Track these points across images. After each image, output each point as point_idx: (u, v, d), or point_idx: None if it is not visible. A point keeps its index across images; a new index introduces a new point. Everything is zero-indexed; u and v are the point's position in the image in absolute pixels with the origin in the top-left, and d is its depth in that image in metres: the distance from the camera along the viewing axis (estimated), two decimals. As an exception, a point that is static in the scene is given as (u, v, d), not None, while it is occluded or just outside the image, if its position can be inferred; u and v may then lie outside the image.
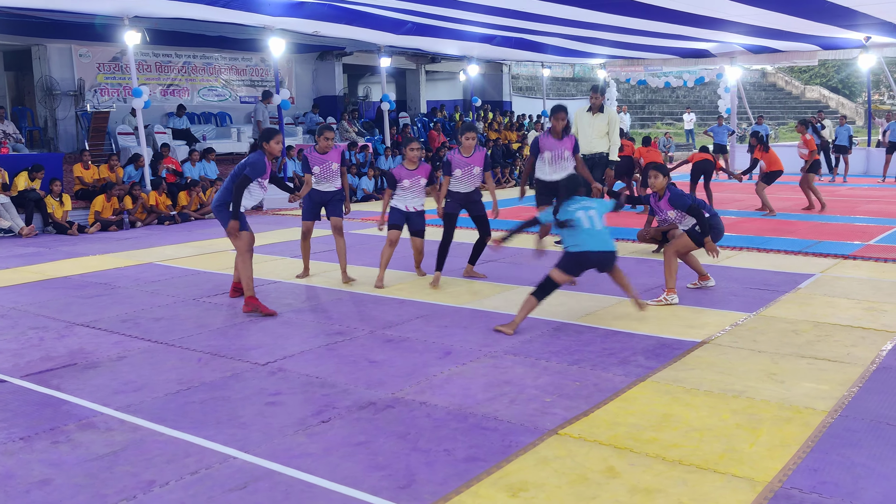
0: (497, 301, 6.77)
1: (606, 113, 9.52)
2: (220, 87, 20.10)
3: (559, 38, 17.69)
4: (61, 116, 17.03)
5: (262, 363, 5.11)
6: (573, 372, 4.80)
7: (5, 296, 7.38)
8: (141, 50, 16.92)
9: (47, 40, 16.61)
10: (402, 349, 5.38)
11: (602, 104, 9.62)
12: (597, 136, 9.55)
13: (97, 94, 17.46)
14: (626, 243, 9.76)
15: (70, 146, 16.83)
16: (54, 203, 12.00)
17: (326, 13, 14.17)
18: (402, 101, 25.47)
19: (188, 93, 19.35)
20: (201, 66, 19.59)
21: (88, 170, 13.15)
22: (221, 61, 20.00)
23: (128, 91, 16.80)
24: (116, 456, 3.70)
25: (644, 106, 37.23)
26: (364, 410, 4.21)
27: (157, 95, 18.09)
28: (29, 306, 6.93)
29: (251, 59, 20.43)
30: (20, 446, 3.85)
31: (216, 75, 19.98)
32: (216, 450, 3.73)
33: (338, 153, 7.74)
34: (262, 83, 20.92)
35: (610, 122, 9.47)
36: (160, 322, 6.30)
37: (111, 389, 4.66)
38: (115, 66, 17.75)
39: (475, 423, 4.00)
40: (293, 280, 7.88)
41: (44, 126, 17.16)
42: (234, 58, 20.17)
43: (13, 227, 11.50)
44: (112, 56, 17.60)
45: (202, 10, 12.99)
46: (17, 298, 7.25)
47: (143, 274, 8.41)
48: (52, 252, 10.04)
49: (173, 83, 19.05)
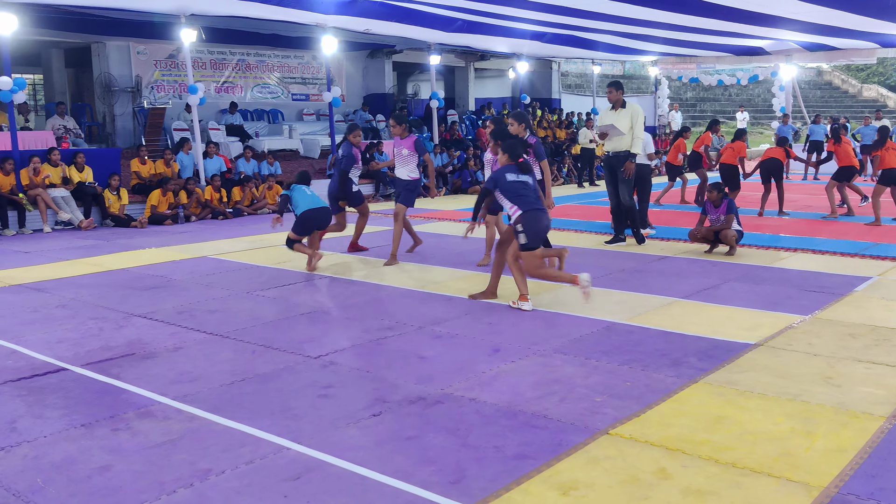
0: (545, 299, 6.76)
1: (629, 108, 9.32)
2: (272, 85, 20.37)
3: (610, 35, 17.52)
4: (119, 112, 17.44)
5: (313, 356, 5.19)
6: (624, 372, 4.77)
7: (66, 287, 7.61)
8: (196, 48, 17.24)
9: (106, 38, 17.01)
10: (450, 345, 5.41)
11: (623, 100, 9.35)
12: (623, 131, 9.36)
13: (154, 91, 17.84)
14: (677, 243, 9.66)
15: (127, 142, 17.23)
16: (112, 197, 12.32)
17: (378, 11, 14.27)
18: (451, 98, 25.49)
19: (241, 90, 19.66)
20: (254, 64, 19.88)
21: (145, 165, 13.47)
22: (274, 59, 20.26)
23: (183, 88, 17.15)
24: (174, 444, 3.80)
25: (696, 104, 36.69)
26: (414, 405, 4.25)
27: (211, 92, 18.41)
28: (88, 297, 7.13)
29: (303, 56, 20.66)
30: (82, 433, 3.97)
31: (269, 73, 20.26)
32: (270, 440, 3.80)
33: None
34: (313, 81, 21.15)
35: (633, 117, 9.27)
36: (215, 314, 6.43)
37: (168, 379, 4.78)
38: (172, 64, 18.11)
39: (525, 420, 4.00)
40: (344, 276, 7.97)
41: (102, 122, 17.59)
42: (287, 55, 20.42)
43: (73, 219, 11.84)
44: (168, 53, 17.96)
45: (257, 9, 13.18)
46: (77, 290, 7.46)
47: (197, 267, 8.58)
48: (109, 245, 10.31)
49: (227, 80, 19.38)
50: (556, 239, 10.10)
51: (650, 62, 23.45)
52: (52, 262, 8.90)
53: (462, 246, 9.47)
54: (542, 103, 25.69)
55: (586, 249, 9.35)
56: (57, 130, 14.72)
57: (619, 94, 9.30)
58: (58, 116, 15.26)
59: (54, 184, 11.85)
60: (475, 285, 7.33)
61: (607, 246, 9.54)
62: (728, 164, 12.29)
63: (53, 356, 5.27)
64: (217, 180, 13.44)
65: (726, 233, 8.70)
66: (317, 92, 21.03)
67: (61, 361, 5.16)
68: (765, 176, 12.28)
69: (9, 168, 11.57)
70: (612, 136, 9.27)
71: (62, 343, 5.61)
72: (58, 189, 11.85)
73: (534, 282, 7.47)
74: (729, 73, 28.53)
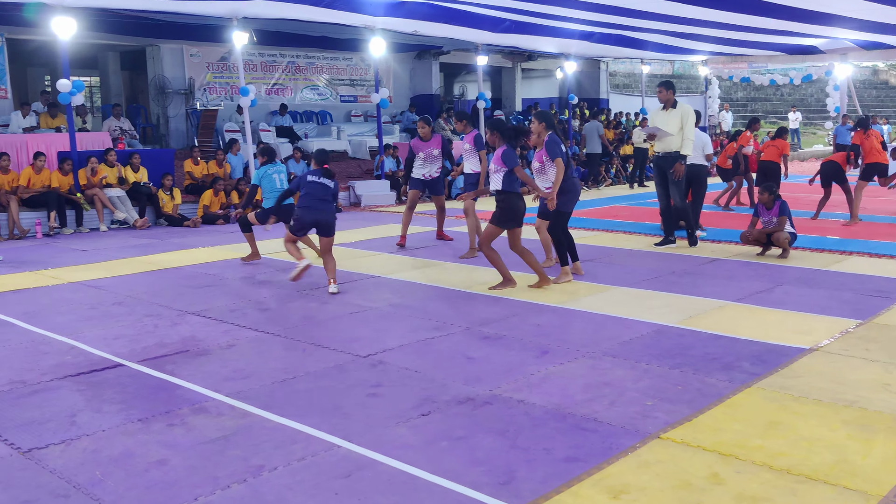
0: (593, 301, 6.72)
1: (679, 109, 9.17)
2: (321, 87, 20.61)
3: (660, 34, 17.32)
4: (172, 114, 17.83)
5: (362, 355, 5.24)
6: (675, 376, 4.72)
7: (122, 284, 7.79)
8: (248, 50, 17.53)
9: (160, 41, 17.41)
10: (498, 346, 5.41)
11: (673, 100, 9.21)
12: (671, 132, 9.22)
13: (206, 93, 18.18)
14: (729, 245, 9.51)
15: (180, 142, 17.60)
16: (165, 197, 12.58)
17: (426, 12, 14.33)
18: (498, 98, 25.48)
19: (291, 91, 19.93)
20: (304, 66, 20.13)
21: (198, 165, 13.73)
22: (323, 61, 20.50)
23: (235, 90, 17.43)
24: (227, 440, 3.87)
25: (746, 104, 36.04)
26: (463, 406, 4.26)
27: (261, 94, 18.70)
28: (143, 295, 7.30)
29: (351, 58, 20.86)
30: (138, 427, 4.06)
31: (318, 75, 20.51)
32: (321, 438, 3.85)
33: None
34: (361, 82, 21.34)
35: (683, 117, 9.12)
36: (266, 313, 6.53)
37: (221, 376, 4.87)
38: (223, 66, 18.44)
39: (574, 423, 3.99)
40: (391, 276, 8.02)
41: (156, 123, 18.00)
42: (336, 57, 20.64)
43: (128, 219, 12.13)
44: (220, 56, 18.29)
45: (307, 11, 13.35)
46: (133, 287, 7.64)
47: (249, 266, 8.72)
48: (163, 243, 10.54)
49: (277, 82, 19.66)
50: (606, 240, 10.04)
51: (700, 61, 23.13)
52: (109, 261, 9.12)
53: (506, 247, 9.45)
54: (590, 103, 25.51)
55: (635, 251, 9.26)
56: (113, 132, 15.11)
57: (669, 93, 9.18)
58: (114, 118, 15.66)
59: (111, 184, 12.16)
60: (518, 286, 7.32)
61: (657, 248, 9.43)
62: (770, 161, 12.06)
63: (111, 352, 5.41)
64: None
65: (779, 235, 8.54)
66: (365, 93, 21.21)
67: (118, 357, 5.29)
68: (825, 180, 11.96)
69: (67, 168, 11.90)
70: (660, 137, 9.17)
71: (119, 339, 5.75)
72: (114, 189, 12.15)
73: (581, 283, 7.44)
74: (781, 72, 27.97)
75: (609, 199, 15.76)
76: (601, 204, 14.75)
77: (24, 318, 6.42)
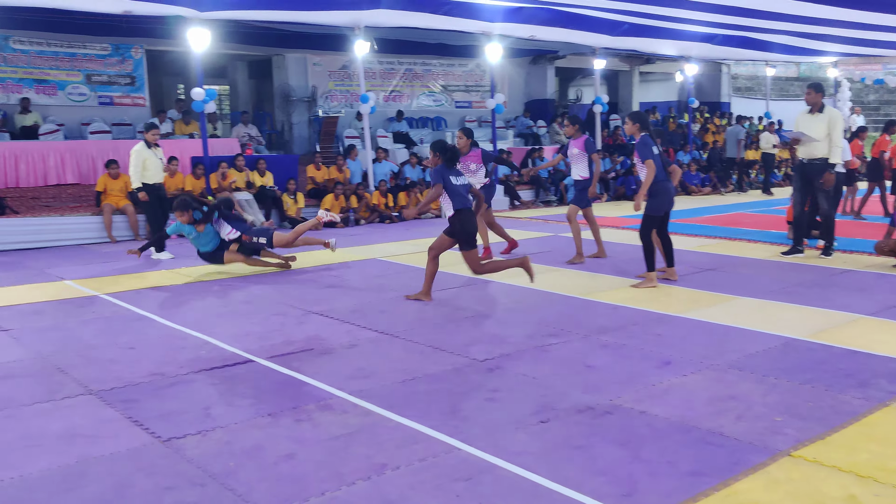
0: (716, 311, 6.51)
1: (826, 113, 8.69)
2: (437, 93, 20.88)
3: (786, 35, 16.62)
4: (296, 121, 18.49)
5: (480, 359, 5.28)
6: (805, 391, 4.52)
7: (250, 283, 8.15)
8: (367, 58, 17.96)
9: (285, 50, 18.10)
10: (618, 355, 5.33)
11: (821, 103, 8.77)
12: (816, 138, 8.78)
13: (328, 100, 18.76)
14: (861, 256, 9.02)
15: (303, 148, 18.23)
16: (289, 200, 13.07)
17: (543, 17, 14.28)
18: (614, 103, 25.07)
19: (408, 98, 20.29)
20: (421, 73, 20.46)
21: (320, 170, 14.19)
22: (439, 67, 20.76)
23: (355, 97, 17.90)
24: (351, 437, 3.98)
25: (879, 107, 33.95)
26: (582, 414, 4.23)
27: (379, 101, 19.11)
28: (270, 294, 7.60)
29: (467, 64, 21.03)
30: (268, 421, 4.24)
31: (434, 81, 20.79)
32: (441, 440, 3.91)
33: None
34: (476, 88, 21.48)
35: (830, 122, 8.65)
36: (385, 314, 6.68)
37: (344, 375, 5.02)
38: (344, 74, 18.98)
39: (699, 437, 3.89)
40: (506, 281, 8.04)
41: (281, 130, 18.71)
42: (451, 64, 20.86)
43: (255, 221, 12.66)
44: (341, 64, 18.83)
45: (427, 19, 13.57)
46: (261, 286, 7.98)
47: (367, 269, 8.94)
48: (286, 245, 10.93)
49: (395, 89, 20.06)
50: (728, 248, 9.73)
51: (829, 63, 22.00)
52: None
53: (626, 254, 9.31)
54: (711, 107, 24.76)
55: (760, 261, 8.92)
56: (241, 138, 15.83)
57: (818, 96, 8.76)
58: (242, 125, 16.41)
59: (239, 188, 12.74)
60: (638, 294, 7.19)
61: (784, 257, 9.05)
62: None
63: (241, 348, 5.67)
64: (384, 185, 13.94)
65: None
66: (479, 99, 21.33)
67: (248, 353, 5.54)
68: None
69: (199, 173, 12.54)
70: (804, 143, 8.78)
71: (248, 336, 6.02)
72: (242, 192, 12.72)
73: (703, 293, 7.23)
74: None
75: (731, 205, 15.24)
76: (723, 211, 14.28)
77: (161, 313, 6.82)
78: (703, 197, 16.92)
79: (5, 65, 14.77)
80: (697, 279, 7.87)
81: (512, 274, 8.34)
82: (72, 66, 15.55)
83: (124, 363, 5.35)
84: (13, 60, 14.84)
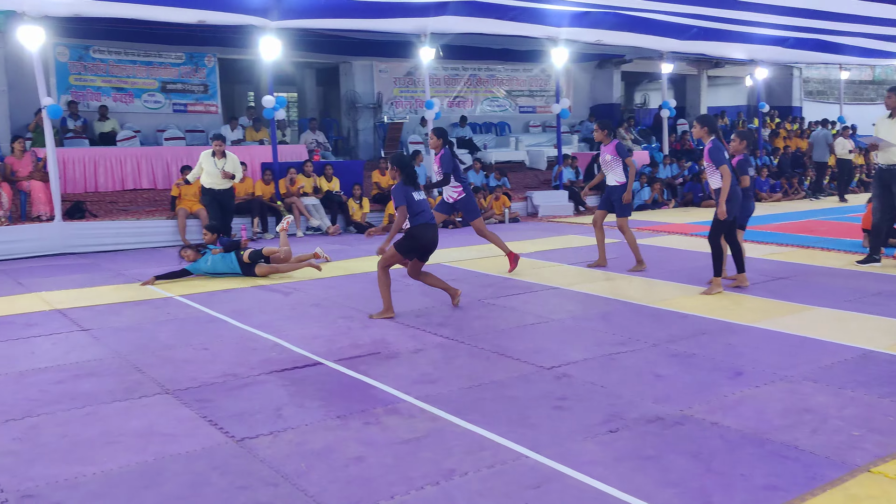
0: (789, 321, 6.35)
1: None
2: (501, 98, 20.89)
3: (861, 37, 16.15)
4: (362, 127, 18.75)
5: (546, 367, 5.26)
6: (885, 405, 4.38)
7: (318, 287, 8.29)
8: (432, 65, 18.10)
9: (352, 58, 18.38)
10: (688, 365, 5.25)
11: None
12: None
13: (393, 107, 18.97)
14: (944, 266, 8.68)
15: (369, 154, 18.46)
16: (355, 205, 13.25)
17: (610, 21, 14.18)
18: (682, 107, 24.66)
19: (472, 104, 20.36)
20: (485, 78, 20.51)
21: (384, 176, 14.32)
22: (503, 73, 20.78)
23: (419, 103, 18.06)
24: (419, 442, 4.02)
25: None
26: (652, 424, 4.17)
27: (443, 107, 19.22)
28: (337, 297, 7.72)
29: (532, 69, 21.00)
30: (337, 424, 4.31)
31: (498, 86, 20.81)
32: (509, 447, 3.91)
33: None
34: (540, 93, 21.42)
35: None
36: (450, 319, 6.72)
37: (411, 379, 5.06)
38: (409, 81, 19.16)
39: (773, 449, 3.80)
40: (571, 287, 7.99)
41: (347, 136, 19.00)
42: (516, 69, 20.86)
43: (321, 226, 12.88)
44: (406, 71, 19.02)
45: (493, 25, 13.60)
46: (328, 290, 8.10)
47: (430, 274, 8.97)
48: (354, 249, 11.09)
49: (459, 95, 20.16)
50: (801, 256, 9.48)
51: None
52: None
53: (695, 261, 9.15)
54: (782, 111, 24.15)
55: (834, 269, 8.67)
56: (309, 144, 16.13)
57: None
58: (310, 131, 16.71)
59: (307, 193, 12.97)
60: (708, 302, 7.06)
61: (859, 266, 8.77)
62: None
63: (310, 350, 5.77)
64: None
65: None
66: (544, 104, 21.27)
67: (316, 355, 5.63)
68: None
69: (268, 178, 12.81)
70: (883, 148, 8.51)
71: (317, 339, 6.12)
72: (309, 198, 12.95)
73: (776, 302, 7.06)
74: None
75: (803, 213, 14.83)
76: (795, 218, 13.90)
77: (233, 315, 6.98)
78: (774, 203, 16.51)
79: (86, 73, 15.37)
80: (769, 287, 7.69)
81: (579, 280, 8.31)
82: (148, 75, 16.09)
83: (198, 363, 5.50)
84: (93, 69, 15.44)
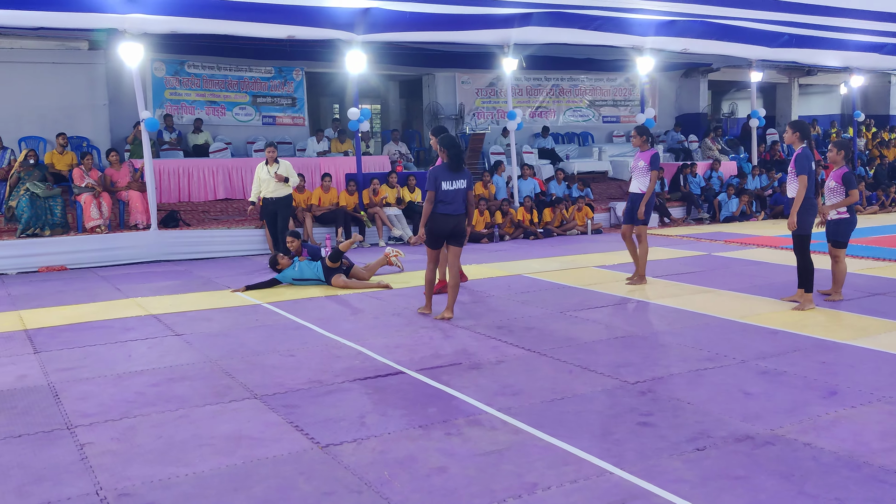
0: (888, 339, 6.08)
1: None
2: (584, 108, 20.72)
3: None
4: (444, 138, 18.85)
5: (631, 382, 5.18)
6: None
7: (400, 296, 8.37)
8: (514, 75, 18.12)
9: (435, 70, 18.55)
10: (778, 383, 5.08)
11: None
12: None
13: (475, 118, 19.05)
14: None
15: (449, 165, 18.53)
16: (436, 216, 13.32)
17: (697, 29, 13.92)
18: (771, 116, 23.92)
19: (554, 114, 20.25)
20: (568, 88, 20.38)
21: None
22: (587, 82, 20.60)
23: (501, 114, 18.09)
24: (501, 454, 4.01)
25: None
26: (741, 444, 4.05)
27: (525, 117, 19.18)
28: (418, 307, 7.76)
29: (615, 79, 20.75)
30: (419, 433, 4.34)
31: (581, 96, 20.64)
32: (592, 462, 3.87)
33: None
34: (624, 102, 21.14)
35: None
36: (531, 331, 6.68)
37: (492, 391, 5.06)
38: (491, 91, 19.21)
39: (871, 473, 3.64)
40: (655, 300, 7.84)
41: (429, 147, 19.14)
42: (599, 79, 20.65)
43: (403, 236, 13.02)
44: (489, 82, 19.08)
45: (577, 35, 13.50)
46: (408, 300, 8.17)
47: (513, 284, 8.97)
48: (434, 260, 11.15)
49: (541, 105, 20.08)
50: (887, 271, 9.07)
51: None
52: (387, 274, 9.82)
53: (782, 276, 8.85)
54: (878, 121, 23.16)
55: (938, 286, 8.25)
56: (392, 155, 16.34)
57: None
58: (393, 142, 16.93)
59: (390, 203, 13.14)
60: (801, 318, 6.82)
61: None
62: None
63: (392, 359, 5.83)
64: (529, 201, 13.96)
65: None
66: (628, 114, 20.98)
67: (399, 365, 5.69)
68: None
69: (352, 189, 13.04)
70: None
71: (399, 348, 6.19)
72: (392, 208, 13.11)
73: (873, 319, 6.76)
74: None
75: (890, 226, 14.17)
76: (892, 231, 13.30)
77: (318, 323, 7.13)
78: (870, 216, 15.83)
79: (181, 87, 15.99)
80: (865, 304, 7.38)
81: (665, 294, 8.15)
82: (239, 88, 16.62)
83: (285, 370, 5.64)
84: (188, 83, 16.05)
